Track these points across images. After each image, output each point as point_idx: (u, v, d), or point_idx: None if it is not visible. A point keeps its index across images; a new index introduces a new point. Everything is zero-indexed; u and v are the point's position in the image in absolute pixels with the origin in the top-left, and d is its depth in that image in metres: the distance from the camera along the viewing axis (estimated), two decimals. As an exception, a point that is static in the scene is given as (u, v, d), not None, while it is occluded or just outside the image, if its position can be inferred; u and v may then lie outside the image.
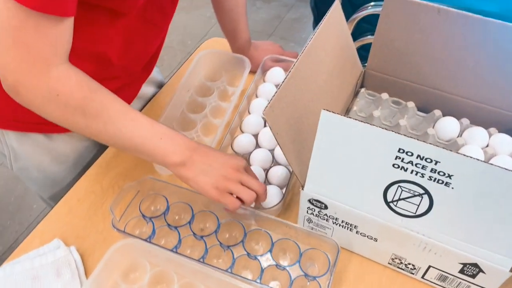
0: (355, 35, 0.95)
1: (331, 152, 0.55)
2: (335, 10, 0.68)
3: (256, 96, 0.84)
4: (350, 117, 0.50)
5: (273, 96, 0.54)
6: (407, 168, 0.51)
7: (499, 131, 0.70)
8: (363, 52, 0.81)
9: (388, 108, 0.78)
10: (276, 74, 0.86)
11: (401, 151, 0.49)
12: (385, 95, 0.77)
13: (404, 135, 0.48)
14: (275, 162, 0.74)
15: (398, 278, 0.64)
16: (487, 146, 0.69)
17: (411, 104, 0.75)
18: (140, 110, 0.87)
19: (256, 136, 0.78)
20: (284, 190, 0.70)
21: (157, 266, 0.62)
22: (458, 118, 0.72)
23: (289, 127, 0.58)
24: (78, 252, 0.66)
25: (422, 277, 0.62)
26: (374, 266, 0.65)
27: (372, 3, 0.91)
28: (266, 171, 0.73)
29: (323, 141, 0.54)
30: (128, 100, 0.81)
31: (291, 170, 0.73)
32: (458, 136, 0.71)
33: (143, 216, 0.68)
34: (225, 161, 0.61)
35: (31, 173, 0.78)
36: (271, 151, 0.75)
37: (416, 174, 0.50)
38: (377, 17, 0.71)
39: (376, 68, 0.77)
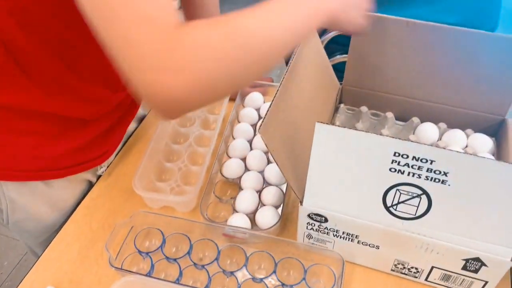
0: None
1: (328, 163, 0.56)
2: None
3: (238, 121, 0.85)
4: (344, 127, 0.52)
5: (265, 114, 0.55)
6: (404, 171, 0.52)
7: (475, 131, 0.74)
8: (335, 72, 0.84)
9: (368, 120, 0.80)
10: (255, 98, 0.88)
11: (397, 154, 0.51)
12: (364, 108, 0.80)
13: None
14: (266, 184, 0.75)
15: (402, 284, 0.65)
16: (467, 146, 0.73)
17: (390, 115, 0.78)
18: (123, 145, 0.86)
19: (244, 159, 0.78)
20: (279, 210, 0.70)
21: (161, 301, 0.60)
22: (436, 123, 0.76)
23: (283, 144, 0.59)
24: (74, 297, 0.63)
25: (426, 279, 0.63)
26: (377, 275, 0.66)
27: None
28: (259, 193, 0.73)
29: (320, 153, 0.55)
30: (119, 137, 0.80)
31: (284, 190, 0.73)
32: (438, 140, 0.74)
33: (139, 252, 0.66)
34: None
35: (27, 224, 0.75)
36: (261, 172, 0.76)
37: (413, 176, 0.52)
38: (343, 37, 0.74)
39: (352, 83, 0.80)
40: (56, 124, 0.66)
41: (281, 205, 0.71)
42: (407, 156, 0.51)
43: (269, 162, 0.77)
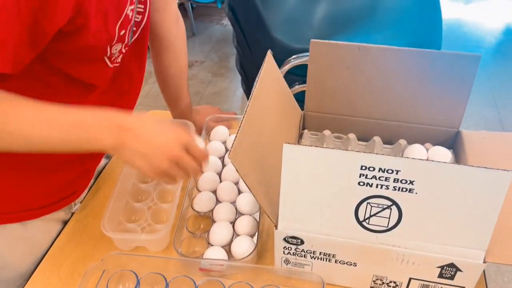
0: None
1: (299, 184, 0.56)
2: (269, 61, 0.73)
3: (206, 156, 0.85)
4: (311, 145, 0.53)
5: (234, 141, 0.56)
6: (372, 184, 0.54)
7: (433, 145, 0.77)
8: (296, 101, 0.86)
9: (332, 143, 0.83)
10: (221, 132, 0.88)
11: (364, 167, 0.53)
12: (327, 132, 0.82)
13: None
14: (239, 214, 0.74)
15: (383, 300, 0.65)
16: (427, 159, 0.76)
17: (352, 136, 0.81)
18: (94, 183, 0.84)
19: (214, 192, 0.77)
20: (255, 239, 0.70)
21: None
22: (396, 140, 0.79)
23: (254, 169, 0.59)
24: None
25: (405, 292, 0.64)
26: (358, 294, 0.65)
27: (294, 56, 0.99)
28: (232, 224, 0.72)
29: (290, 174, 0.56)
30: (90, 175, 0.79)
31: (257, 218, 0.73)
32: (401, 156, 0.77)
33: (113, 296, 0.63)
34: (160, 144, 0.56)
35: (3, 274, 0.72)
36: (233, 203, 0.75)
37: (381, 187, 0.54)
38: (301, 68, 0.77)
39: (313, 109, 0.83)
40: (34, 167, 0.66)
41: (256, 233, 0.70)
42: (374, 169, 0.52)
43: (240, 192, 0.77)
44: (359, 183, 0.54)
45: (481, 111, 2.25)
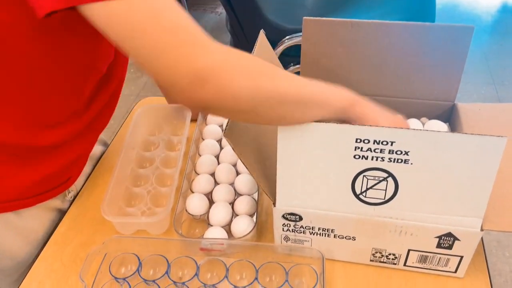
0: (279, 69, 1.02)
1: (295, 160, 0.57)
2: (261, 41, 0.73)
3: (203, 139, 0.86)
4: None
5: (229, 119, 0.56)
6: (367, 156, 0.54)
7: (429, 119, 0.78)
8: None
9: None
10: (217, 115, 0.89)
11: (358, 140, 0.53)
12: (323, 111, 0.82)
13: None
14: (238, 195, 0.75)
15: (383, 272, 0.65)
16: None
17: (348, 114, 0.81)
18: (92, 171, 0.85)
19: (212, 175, 0.78)
20: (254, 218, 0.70)
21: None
22: (392, 116, 0.79)
23: (249, 147, 0.60)
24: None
25: (405, 264, 0.64)
26: (358, 268, 0.66)
27: (287, 37, 0.99)
28: (231, 204, 0.73)
29: (286, 151, 0.56)
30: (83, 161, 0.79)
31: (256, 198, 0.73)
32: (397, 131, 0.77)
33: (116, 279, 0.64)
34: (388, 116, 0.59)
35: (1, 263, 0.72)
36: (231, 185, 0.76)
37: (377, 160, 0.54)
38: (295, 48, 0.77)
39: (309, 89, 0.83)
40: (25, 153, 0.66)
41: (255, 213, 0.71)
42: (369, 141, 0.53)
43: (238, 173, 0.78)
44: (354, 156, 0.54)
45: (479, 89, 2.25)
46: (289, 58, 1.01)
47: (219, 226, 0.69)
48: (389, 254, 0.64)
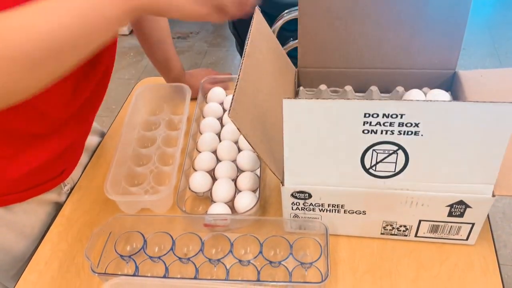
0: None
1: (302, 138, 0.55)
2: (257, 18, 0.71)
3: (204, 117, 0.85)
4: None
5: (232, 100, 0.54)
6: (376, 130, 0.52)
7: (431, 88, 0.77)
8: (290, 59, 0.85)
9: (329, 97, 0.82)
10: (217, 93, 0.88)
11: (367, 115, 0.51)
12: (323, 86, 0.81)
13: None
14: (240, 171, 0.75)
15: (387, 244, 0.66)
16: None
17: (348, 88, 0.80)
18: (88, 161, 0.84)
19: (214, 152, 0.78)
20: (257, 194, 0.70)
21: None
22: (393, 88, 0.78)
23: (255, 127, 0.58)
24: (60, 313, 0.60)
25: (416, 235, 0.64)
26: (363, 241, 0.66)
27: (286, 11, 0.98)
28: (234, 181, 0.73)
29: (292, 130, 0.54)
30: (78, 152, 0.78)
31: (258, 174, 0.73)
32: (398, 103, 0.76)
33: (121, 256, 0.65)
34: None
35: None
36: (233, 162, 0.76)
37: (386, 133, 0.52)
38: (294, 23, 0.76)
39: (307, 65, 0.82)
40: (12, 143, 0.63)
41: (258, 189, 0.71)
42: (378, 115, 0.51)
43: (239, 150, 0.78)
44: (363, 131, 0.53)
45: (482, 61, 2.22)
46: (289, 33, 1.00)
47: (222, 203, 0.69)
48: (400, 226, 0.63)
